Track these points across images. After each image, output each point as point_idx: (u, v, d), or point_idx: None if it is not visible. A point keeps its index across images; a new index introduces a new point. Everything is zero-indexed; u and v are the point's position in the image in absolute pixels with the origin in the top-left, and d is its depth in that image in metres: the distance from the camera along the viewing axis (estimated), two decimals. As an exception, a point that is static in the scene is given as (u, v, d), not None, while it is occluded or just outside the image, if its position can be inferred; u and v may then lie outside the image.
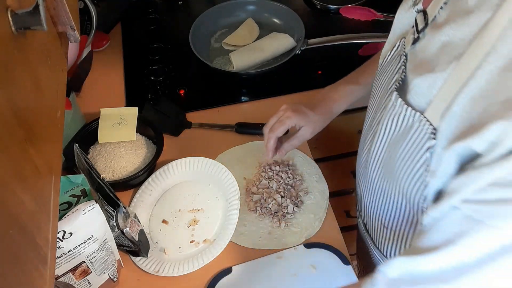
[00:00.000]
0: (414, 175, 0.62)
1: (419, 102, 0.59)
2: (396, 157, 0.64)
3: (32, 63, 0.43)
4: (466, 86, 0.52)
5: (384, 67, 0.73)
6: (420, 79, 0.59)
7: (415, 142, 0.60)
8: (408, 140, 0.62)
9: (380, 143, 0.69)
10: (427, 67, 0.58)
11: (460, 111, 0.52)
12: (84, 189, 0.77)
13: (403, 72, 0.64)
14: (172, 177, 0.98)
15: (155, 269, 0.84)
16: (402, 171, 0.64)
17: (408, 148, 0.62)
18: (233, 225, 0.88)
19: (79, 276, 0.76)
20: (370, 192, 0.77)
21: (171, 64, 1.24)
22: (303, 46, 1.20)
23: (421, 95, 0.59)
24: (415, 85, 0.60)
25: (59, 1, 0.49)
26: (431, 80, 0.57)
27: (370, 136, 0.75)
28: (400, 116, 0.62)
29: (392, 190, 0.69)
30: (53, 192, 0.45)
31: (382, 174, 0.70)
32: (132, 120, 1.02)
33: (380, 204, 0.75)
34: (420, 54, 0.62)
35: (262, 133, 1.04)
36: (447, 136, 0.55)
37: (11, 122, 0.36)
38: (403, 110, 0.61)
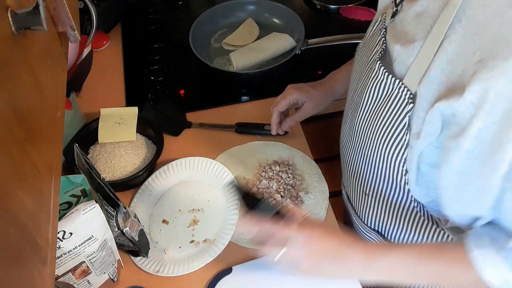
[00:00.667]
0: (395, 139, 0.65)
1: (399, 70, 0.64)
2: (379, 123, 0.68)
3: (32, 63, 0.43)
4: (442, 51, 0.56)
5: (366, 42, 0.77)
6: (399, 48, 0.63)
7: (395, 107, 0.64)
8: (389, 106, 0.65)
9: (364, 110, 0.72)
10: (405, 37, 0.63)
11: (438, 74, 0.56)
12: (84, 189, 0.77)
13: (383, 43, 0.68)
14: (172, 177, 0.98)
15: (155, 269, 0.84)
16: (383, 136, 0.67)
17: (389, 114, 0.65)
18: (233, 225, 0.88)
19: (79, 276, 0.76)
20: (353, 160, 0.80)
21: (171, 64, 1.24)
22: (303, 46, 1.20)
23: (401, 63, 0.63)
24: (395, 54, 0.64)
25: (59, 1, 0.49)
26: (409, 49, 0.61)
27: (352, 106, 0.78)
28: (382, 84, 0.66)
29: (374, 155, 0.71)
30: (53, 192, 0.45)
31: (365, 140, 0.73)
32: (132, 120, 1.02)
33: (362, 171, 0.78)
34: (399, 26, 0.66)
35: (262, 133, 1.04)
36: (428, 99, 0.58)
37: (11, 122, 0.36)
38: (384, 78, 0.65)
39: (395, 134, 0.65)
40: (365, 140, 0.73)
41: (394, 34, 0.67)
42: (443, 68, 0.56)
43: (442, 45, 0.56)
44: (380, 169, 0.72)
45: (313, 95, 0.95)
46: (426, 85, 0.58)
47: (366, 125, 0.72)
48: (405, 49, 0.62)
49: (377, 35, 0.72)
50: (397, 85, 0.63)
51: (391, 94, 0.65)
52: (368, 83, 0.70)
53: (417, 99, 0.60)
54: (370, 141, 0.71)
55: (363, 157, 0.75)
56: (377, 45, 0.70)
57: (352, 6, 1.35)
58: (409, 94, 0.61)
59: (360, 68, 0.77)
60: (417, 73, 0.60)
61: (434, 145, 0.60)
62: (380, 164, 0.71)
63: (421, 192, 0.68)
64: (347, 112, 0.82)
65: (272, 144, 1.03)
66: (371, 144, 0.71)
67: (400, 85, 0.62)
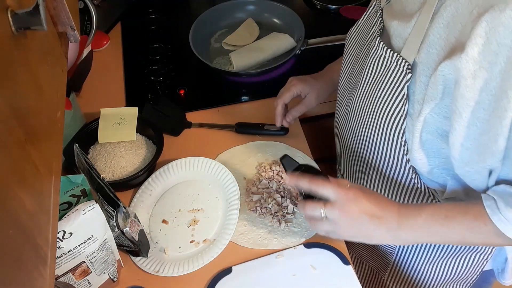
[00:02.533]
0: (394, 110, 0.68)
1: (397, 43, 0.67)
2: (378, 96, 0.70)
3: (32, 63, 0.43)
4: (438, 17, 0.58)
5: (361, 24, 0.80)
6: (396, 23, 0.66)
7: (394, 79, 0.67)
8: (387, 79, 0.68)
9: (363, 87, 0.74)
10: (402, 13, 0.66)
11: (437, 39, 0.59)
12: (84, 189, 0.77)
13: (380, 23, 0.72)
14: (172, 177, 0.98)
15: (155, 269, 0.84)
16: (382, 108, 0.70)
17: (388, 86, 0.68)
18: (233, 225, 0.88)
19: (79, 276, 0.76)
20: (350, 140, 0.82)
21: (171, 64, 1.24)
22: (303, 46, 1.20)
23: (398, 37, 0.66)
24: (393, 30, 0.67)
25: (59, 1, 0.49)
26: (406, 21, 0.64)
27: (348, 88, 0.81)
28: (381, 59, 0.69)
29: (373, 130, 0.74)
30: (53, 192, 0.45)
31: (364, 116, 0.75)
32: (132, 120, 1.02)
33: (359, 149, 0.80)
34: (395, 5, 0.69)
35: (262, 133, 1.04)
36: (429, 64, 0.61)
37: (11, 122, 0.36)
38: (383, 52, 0.68)
39: (394, 105, 0.68)
40: (364, 116, 0.75)
41: (391, 13, 0.70)
42: (440, 33, 0.59)
43: (439, 12, 0.59)
44: (379, 143, 0.74)
45: (315, 86, 0.97)
46: (426, 51, 0.61)
47: (365, 101, 0.74)
48: (402, 23, 0.65)
49: (373, 17, 0.75)
50: (395, 58, 0.66)
51: (389, 67, 0.67)
52: (368, 60, 0.72)
53: (418, 66, 0.63)
54: (369, 115, 0.73)
55: (361, 134, 0.77)
56: (375, 25, 0.73)
57: (352, 6, 1.35)
58: (407, 65, 0.64)
59: (356, 50, 0.79)
60: (415, 42, 0.62)
61: (435, 112, 0.62)
62: (379, 137, 0.73)
63: (421, 160, 0.70)
64: (342, 96, 0.84)
65: (272, 144, 1.03)
66: (370, 118, 0.73)
67: (398, 57, 0.65)
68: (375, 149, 0.76)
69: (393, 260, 0.92)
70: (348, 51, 0.83)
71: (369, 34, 0.75)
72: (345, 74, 0.84)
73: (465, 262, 0.86)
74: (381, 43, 0.69)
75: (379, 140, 0.73)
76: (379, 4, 0.74)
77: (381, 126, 0.71)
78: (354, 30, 0.82)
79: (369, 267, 1.02)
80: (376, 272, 1.01)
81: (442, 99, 0.60)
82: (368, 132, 0.75)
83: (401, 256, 0.91)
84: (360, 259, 1.05)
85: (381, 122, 0.71)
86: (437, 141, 0.67)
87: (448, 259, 0.86)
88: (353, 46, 0.81)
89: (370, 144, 0.76)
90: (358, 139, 0.79)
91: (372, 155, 0.77)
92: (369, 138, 0.75)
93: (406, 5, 0.66)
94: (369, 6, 0.79)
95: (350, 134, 0.81)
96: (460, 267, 0.87)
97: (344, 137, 0.84)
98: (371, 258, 0.99)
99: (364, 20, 0.79)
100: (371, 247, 0.95)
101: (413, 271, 0.91)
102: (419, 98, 0.64)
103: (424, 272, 0.90)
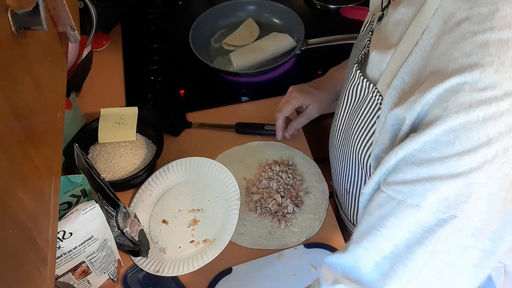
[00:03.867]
0: (367, 142, 0.66)
1: (374, 74, 0.65)
2: (354, 124, 0.69)
3: (32, 63, 0.43)
4: (406, 61, 0.56)
5: (357, 43, 0.78)
6: (376, 53, 0.64)
7: (369, 110, 0.65)
8: (363, 109, 0.67)
9: (343, 112, 0.74)
10: (383, 42, 0.64)
11: (400, 83, 0.57)
12: (84, 189, 0.77)
13: (367, 46, 0.70)
14: (172, 177, 0.98)
15: (155, 269, 0.84)
16: (357, 138, 0.69)
17: (363, 116, 0.67)
18: (233, 225, 0.88)
19: (79, 276, 0.76)
20: (335, 159, 0.82)
21: (171, 64, 1.24)
22: (303, 46, 1.20)
23: (376, 68, 0.64)
24: (372, 59, 0.65)
25: (59, 1, 0.49)
26: (384, 55, 0.62)
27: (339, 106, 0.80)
28: (358, 87, 0.68)
29: (351, 156, 0.73)
30: (53, 192, 0.45)
31: (343, 141, 0.75)
32: (132, 120, 1.02)
33: (343, 170, 0.80)
34: (381, 31, 0.67)
35: (262, 133, 1.05)
36: (388, 106, 0.59)
37: (11, 122, 0.36)
38: (360, 81, 0.67)
39: (367, 137, 0.66)
40: (343, 140, 0.75)
41: (377, 38, 0.68)
42: (404, 78, 0.56)
43: (410, 55, 0.56)
44: (357, 170, 0.74)
45: (317, 97, 0.95)
46: (389, 92, 0.58)
47: (344, 126, 0.74)
48: (380, 54, 0.63)
49: (365, 37, 0.73)
50: (371, 89, 0.64)
51: (365, 97, 0.66)
52: (347, 85, 0.72)
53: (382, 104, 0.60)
54: (347, 141, 0.73)
55: (342, 156, 0.77)
56: (363, 48, 0.71)
57: (352, 6, 1.35)
58: (381, 99, 0.61)
59: (348, 69, 0.78)
60: (387, 79, 0.60)
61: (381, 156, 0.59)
62: (356, 164, 0.72)
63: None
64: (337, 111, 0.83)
65: (272, 144, 1.03)
66: (347, 144, 0.73)
67: (374, 89, 0.63)
68: (355, 173, 0.76)
69: None
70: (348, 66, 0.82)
71: (357, 56, 0.73)
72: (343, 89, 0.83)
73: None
74: (357, 72, 0.67)
75: (357, 166, 0.73)
76: (371, 23, 0.72)
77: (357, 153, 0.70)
78: (354, 46, 0.80)
79: None
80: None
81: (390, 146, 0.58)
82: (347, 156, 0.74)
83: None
84: None
85: (357, 149, 0.69)
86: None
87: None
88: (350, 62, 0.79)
89: (350, 167, 0.76)
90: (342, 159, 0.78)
91: (353, 178, 0.77)
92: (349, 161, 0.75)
93: (388, 35, 0.63)
94: (366, 21, 0.77)
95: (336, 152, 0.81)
96: None
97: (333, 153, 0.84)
98: None
99: (361, 37, 0.77)
100: None
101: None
102: (376, 137, 0.62)
103: None
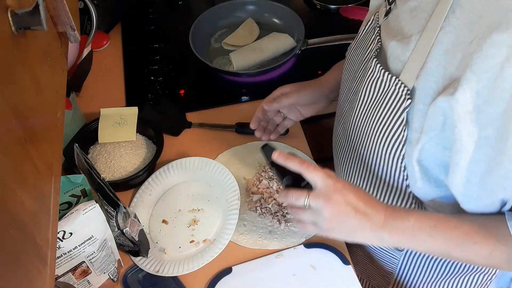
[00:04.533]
0: (393, 136, 0.65)
1: (395, 66, 0.63)
2: (375, 120, 0.67)
3: (32, 63, 0.43)
4: (437, 43, 0.56)
5: (359, 41, 0.77)
6: (395, 44, 0.63)
7: (393, 104, 0.64)
8: (386, 103, 0.65)
9: (360, 108, 0.71)
10: (401, 33, 0.63)
11: (435, 66, 0.56)
12: (84, 189, 0.77)
13: (378, 41, 0.68)
14: (172, 177, 0.98)
15: (155, 269, 0.84)
16: (380, 133, 0.67)
17: (386, 111, 0.65)
18: (233, 225, 0.88)
19: (79, 276, 0.76)
20: (348, 161, 0.79)
21: (171, 64, 1.24)
22: (303, 46, 1.20)
23: (396, 59, 0.63)
24: (391, 51, 0.64)
25: (59, 1, 0.49)
26: (405, 44, 0.61)
27: (346, 106, 0.78)
28: (378, 81, 0.66)
29: (371, 154, 0.71)
30: (53, 192, 0.45)
31: (361, 139, 0.72)
32: (132, 120, 1.02)
33: (357, 172, 0.77)
34: (393, 23, 0.66)
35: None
36: (427, 92, 0.58)
37: (11, 122, 0.36)
38: (380, 75, 0.65)
39: (392, 131, 0.65)
40: (361, 138, 0.72)
41: (389, 31, 0.67)
42: (439, 60, 0.56)
43: (438, 37, 0.56)
44: (377, 168, 0.72)
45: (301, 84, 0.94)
46: (424, 78, 0.58)
47: (362, 123, 0.71)
48: (401, 44, 0.62)
49: (370, 33, 0.72)
50: (393, 82, 0.63)
51: (387, 91, 0.64)
52: (364, 81, 0.69)
53: (416, 93, 0.60)
54: (367, 139, 0.71)
55: (359, 156, 0.75)
56: (372, 43, 0.70)
57: (352, 6, 1.35)
58: (406, 90, 0.61)
59: (354, 67, 0.76)
60: (414, 68, 0.59)
61: (435, 142, 0.60)
62: (377, 162, 0.70)
63: (421, 189, 0.68)
64: (341, 112, 0.81)
65: (272, 144, 1.03)
66: (367, 142, 0.71)
67: (397, 81, 0.62)
68: (374, 173, 0.73)
69: (395, 278, 0.90)
70: (347, 67, 0.80)
71: (366, 52, 0.72)
72: (344, 89, 0.81)
73: (468, 282, 0.84)
74: (377, 65, 0.66)
75: (378, 164, 0.71)
76: (376, 19, 0.72)
77: (380, 150, 0.68)
78: (354, 45, 0.79)
79: (370, 285, 1.01)
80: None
81: (442, 130, 0.58)
82: (366, 156, 0.72)
83: (403, 275, 0.88)
84: (360, 277, 1.03)
85: (380, 147, 0.68)
86: (436, 171, 0.64)
87: (452, 279, 0.84)
88: (352, 62, 0.78)
89: (369, 168, 0.73)
90: (357, 161, 0.76)
91: (371, 179, 0.74)
92: (367, 161, 0.72)
93: (405, 24, 0.63)
94: (367, 20, 0.76)
95: (349, 154, 0.79)
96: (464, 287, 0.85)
97: (342, 157, 0.82)
98: (372, 276, 0.97)
99: (362, 35, 0.76)
100: (373, 265, 0.93)
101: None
102: (416, 126, 0.61)
103: None
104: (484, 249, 0.62)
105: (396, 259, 0.85)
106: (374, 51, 0.68)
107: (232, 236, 0.87)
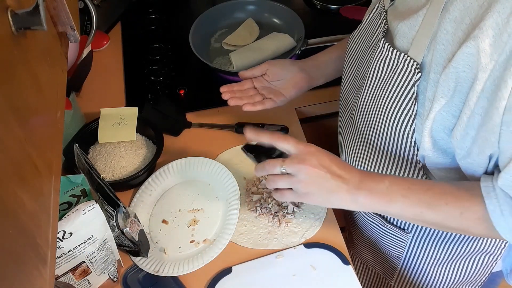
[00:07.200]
0: (403, 111, 0.67)
1: (403, 43, 0.66)
2: (385, 97, 0.69)
3: (32, 63, 0.43)
4: (444, 12, 0.58)
5: (364, 27, 0.79)
6: (403, 23, 0.65)
7: (402, 79, 0.66)
8: (395, 80, 0.67)
9: (368, 89, 0.73)
10: (408, 12, 0.65)
11: (444, 34, 0.58)
12: (84, 189, 0.77)
13: (385, 24, 0.70)
14: (172, 177, 0.98)
15: (155, 269, 0.84)
16: (390, 109, 0.69)
17: (395, 87, 0.67)
18: (233, 225, 0.88)
19: (79, 276, 0.76)
20: (357, 144, 0.81)
21: (171, 64, 1.24)
22: (303, 46, 1.20)
23: (403, 37, 0.66)
24: (399, 30, 0.66)
25: (59, 1, 0.49)
26: (412, 20, 0.63)
27: (352, 94, 0.80)
28: (387, 60, 0.68)
29: (380, 131, 0.72)
30: (53, 192, 0.45)
31: (371, 118, 0.74)
32: (132, 120, 1.02)
33: (366, 153, 0.79)
34: (400, 6, 0.69)
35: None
36: (437, 61, 0.60)
37: (11, 122, 0.36)
38: (389, 53, 0.67)
39: (402, 106, 0.67)
40: (371, 118, 0.74)
41: (396, 14, 0.69)
42: (448, 28, 0.58)
43: (445, 7, 0.58)
44: (386, 147, 0.73)
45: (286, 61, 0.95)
46: (433, 48, 0.60)
47: (371, 103, 0.73)
48: (407, 22, 0.64)
49: (376, 19, 0.74)
50: (402, 58, 0.65)
51: (396, 68, 0.66)
52: (372, 61, 0.71)
53: (427, 64, 0.62)
54: (377, 117, 0.72)
55: (369, 136, 0.76)
56: (379, 27, 0.72)
57: (352, 6, 1.35)
58: (416, 64, 0.63)
59: (360, 54, 0.78)
60: (423, 41, 0.61)
61: (445, 110, 0.61)
62: (387, 139, 0.72)
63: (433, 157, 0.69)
64: (346, 103, 0.83)
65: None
66: (377, 120, 0.72)
67: (406, 57, 0.64)
68: (384, 152, 0.75)
69: (401, 264, 0.91)
70: (351, 55, 0.82)
71: (373, 36, 0.74)
72: (349, 78, 0.82)
73: (474, 263, 0.85)
74: (386, 44, 0.68)
75: (388, 142, 0.72)
76: (382, 6, 0.74)
77: (390, 127, 0.70)
78: (357, 34, 0.81)
79: (375, 272, 1.01)
80: (382, 278, 1.00)
81: (453, 96, 0.59)
82: (376, 134, 0.74)
83: (409, 260, 0.89)
84: (366, 265, 1.04)
85: (390, 123, 0.70)
86: (446, 141, 0.66)
87: (457, 261, 0.85)
88: (357, 49, 0.80)
89: (378, 146, 0.75)
90: (365, 142, 0.78)
91: (381, 158, 0.76)
92: (377, 140, 0.74)
93: (412, 3, 0.65)
94: (371, 8, 0.78)
95: (357, 137, 0.80)
96: (469, 269, 0.86)
97: (349, 141, 0.83)
98: (377, 263, 0.98)
99: (367, 23, 0.78)
100: (380, 252, 0.94)
101: (421, 275, 0.90)
102: (429, 96, 0.62)
103: (433, 275, 0.89)
104: (456, 209, 0.63)
105: (404, 242, 0.86)
106: (382, 32, 0.70)
107: (232, 236, 0.87)
